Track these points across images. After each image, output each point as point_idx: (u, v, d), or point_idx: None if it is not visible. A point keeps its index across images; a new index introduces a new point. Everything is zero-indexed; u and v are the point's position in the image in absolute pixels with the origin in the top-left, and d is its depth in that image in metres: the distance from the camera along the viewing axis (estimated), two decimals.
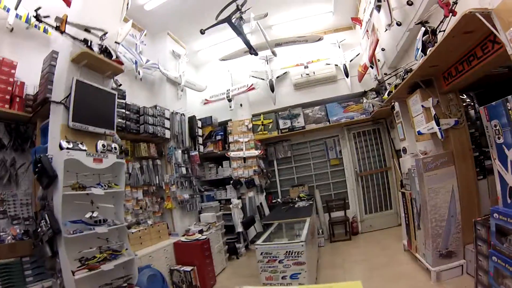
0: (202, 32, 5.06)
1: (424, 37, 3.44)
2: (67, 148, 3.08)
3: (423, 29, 3.47)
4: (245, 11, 4.97)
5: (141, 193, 5.25)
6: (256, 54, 6.16)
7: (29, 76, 3.86)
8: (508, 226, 2.43)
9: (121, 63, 4.01)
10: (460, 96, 4.21)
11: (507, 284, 2.43)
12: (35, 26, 4.10)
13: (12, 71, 3.65)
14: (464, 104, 4.27)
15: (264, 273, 3.74)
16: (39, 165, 3.01)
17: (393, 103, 5.41)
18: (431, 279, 3.79)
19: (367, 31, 5.67)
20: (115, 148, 3.70)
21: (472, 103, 4.46)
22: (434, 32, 3.32)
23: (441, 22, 3.19)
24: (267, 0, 6.06)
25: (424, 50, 3.44)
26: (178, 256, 5.06)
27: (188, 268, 4.73)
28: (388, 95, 5.05)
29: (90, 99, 3.58)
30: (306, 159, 7.73)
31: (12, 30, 3.84)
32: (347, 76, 6.91)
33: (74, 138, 3.31)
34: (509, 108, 2.43)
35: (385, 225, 6.92)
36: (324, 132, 7.46)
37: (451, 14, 2.97)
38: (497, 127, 2.66)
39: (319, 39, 6.46)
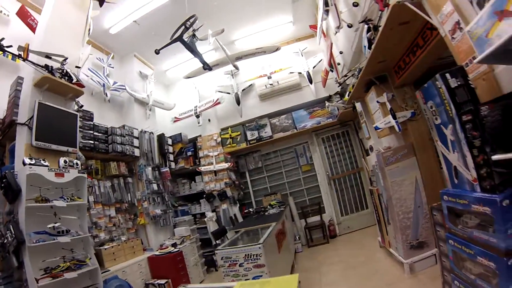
0: (157, 52, 5.25)
1: (368, 34, 3.60)
2: (30, 164, 3.31)
3: (365, 26, 3.64)
4: (198, 29, 5.20)
5: (113, 210, 5.36)
6: (210, 69, 6.36)
7: None
8: (458, 207, 2.36)
9: (82, 86, 4.29)
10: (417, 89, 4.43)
11: (467, 266, 2.35)
12: (4, 54, 4.26)
13: None
14: None
15: (227, 278, 3.85)
16: (4, 180, 3.27)
17: (353, 103, 5.61)
18: (404, 272, 3.85)
19: (323, 34, 6.00)
20: (77, 164, 3.94)
21: None
22: (376, 28, 3.44)
23: (379, 17, 3.34)
24: (230, 16, 6.42)
25: (370, 47, 3.55)
26: (153, 270, 5.13)
27: (163, 281, 4.81)
28: (348, 95, 5.28)
29: (52, 120, 3.84)
30: (277, 167, 7.93)
31: None
32: (311, 83, 7.22)
33: (37, 155, 3.53)
34: (439, 86, 2.53)
35: (363, 225, 7.06)
36: (293, 139, 7.70)
37: (386, 7, 2.96)
38: (433, 108, 2.67)
39: (277, 49, 6.80)
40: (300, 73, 7.39)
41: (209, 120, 7.87)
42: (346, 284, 4.28)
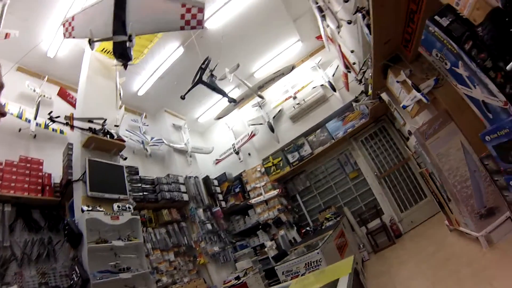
0: (182, 97, 5.70)
1: (365, 21, 3.54)
2: (87, 210, 3.75)
3: (359, 15, 3.64)
4: (214, 68, 5.60)
5: (172, 255, 5.59)
6: (235, 102, 6.72)
7: (54, 169, 4.72)
8: (503, 140, 2.21)
9: (123, 141, 4.89)
10: None
11: None
12: (53, 129, 5.10)
13: (40, 167, 4.54)
14: None
15: None
16: (67, 227, 3.68)
17: (379, 94, 5.55)
18: (482, 246, 3.37)
19: (330, 41, 6.15)
20: (129, 208, 4.36)
21: None
22: (368, 12, 3.29)
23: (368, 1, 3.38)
24: (242, 51, 6.90)
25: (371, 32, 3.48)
26: None
27: None
28: (371, 89, 5.27)
29: (102, 173, 4.36)
30: (325, 182, 7.85)
31: (35, 136, 4.83)
32: (335, 91, 7.32)
33: (93, 204, 3.97)
34: (433, 31, 2.54)
35: (426, 215, 6.59)
36: (333, 150, 7.68)
37: None
38: (438, 55, 2.65)
39: (293, 68, 7.08)
40: (322, 85, 7.56)
41: (249, 154, 8.17)
42: (422, 277, 3.91)
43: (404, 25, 3.53)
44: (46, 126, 4.92)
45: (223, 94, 6.13)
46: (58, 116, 4.18)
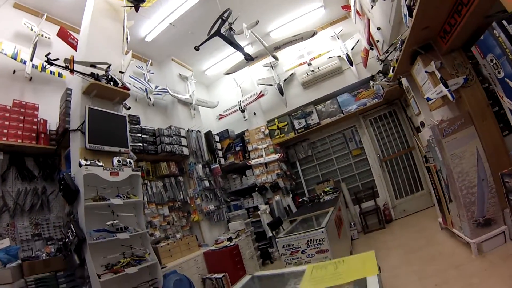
0: (197, 48, 5.27)
1: (407, 1, 3.27)
2: (85, 165, 3.41)
3: None
4: (234, 21, 5.17)
5: (167, 209, 5.48)
6: (252, 59, 6.34)
7: (50, 115, 4.35)
8: None
9: (127, 89, 4.39)
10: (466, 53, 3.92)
11: None
12: (51, 72, 4.63)
13: (35, 112, 4.15)
14: (471, 61, 3.77)
15: (289, 266, 3.67)
16: (62, 182, 3.36)
17: (399, 79, 5.26)
18: (472, 253, 3.46)
19: (357, 13, 5.69)
20: (130, 163, 4.02)
21: None
22: None
23: None
24: (261, 8, 6.32)
25: (411, 14, 3.26)
26: (209, 265, 5.15)
27: (220, 275, 4.79)
28: (393, 71, 4.94)
29: (103, 123, 3.96)
30: (327, 154, 7.68)
31: (31, 79, 4.39)
32: (351, 65, 6.91)
33: (92, 157, 3.64)
34: (497, 35, 2.28)
35: (419, 207, 6.63)
36: (340, 124, 7.43)
37: None
38: (494, 61, 2.47)
39: (314, 34, 6.53)
40: (339, 56, 7.11)
41: (254, 113, 7.79)
42: (409, 268, 3.89)
43: (447, 15, 3.27)
44: (43, 69, 4.45)
45: (240, 49, 5.72)
46: (57, 59, 3.64)
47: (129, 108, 4.55)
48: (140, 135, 5.34)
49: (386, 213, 6.66)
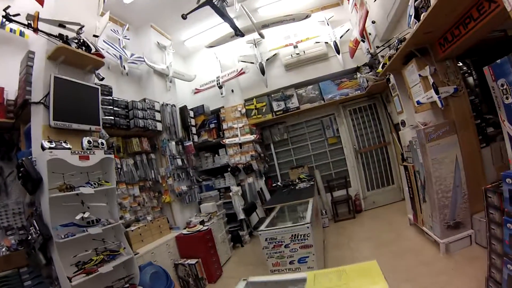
0: (184, 17, 4.70)
1: (416, 2, 3.20)
2: (50, 148, 2.85)
3: None
4: None
5: (137, 189, 5.00)
6: (243, 35, 5.90)
7: (8, 82, 3.65)
8: None
9: (102, 56, 3.76)
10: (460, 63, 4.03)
11: None
12: (11, 30, 3.84)
13: None
14: (461, 71, 4.04)
15: (270, 259, 3.55)
16: (22, 169, 2.81)
17: (388, 76, 5.15)
18: (440, 252, 3.67)
19: (355, 4, 5.38)
20: (102, 144, 3.48)
21: (469, 71, 4.25)
22: None
23: None
24: None
25: (417, 16, 3.22)
26: (182, 250, 4.88)
27: (193, 261, 4.55)
28: (382, 68, 4.80)
29: (71, 96, 3.35)
30: (303, 139, 7.48)
31: None
32: (338, 53, 6.62)
33: (57, 137, 3.09)
34: None
35: (388, 200, 6.76)
36: (320, 111, 7.20)
37: None
38: (504, 86, 2.47)
39: (307, 17, 6.11)
40: (326, 42, 6.76)
41: (232, 90, 7.28)
42: (380, 262, 3.94)
43: (452, 24, 3.24)
44: (1, 25, 3.68)
45: (231, 23, 5.25)
46: (18, 14, 3.00)
47: (103, 78, 3.92)
48: (111, 107, 4.68)
49: (357, 203, 6.71)
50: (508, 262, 2.37)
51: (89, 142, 3.30)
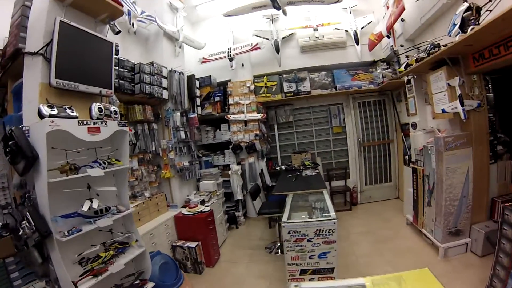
0: None
1: (465, 14, 3.00)
2: (51, 116, 2.12)
3: (465, 4, 3.01)
4: None
5: (136, 162, 4.47)
6: (279, 8, 5.41)
7: None
8: None
9: (121, 4, 2.99)
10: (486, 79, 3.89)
11: None
12: None
13: None
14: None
15: (290, 253, 3.30)
16: (11, 142, 2.07)
17: (410, 77, 4.90)
18: (438, 255, 3.76)
19: None
20: (115, 113, 2.78)
21: (486, 87, 4.06)
22: (478, 10, 2.92)
23: (489, 0, 2.82)
24: None
25: (462, 27, 3.03)
26: (180, 231, 4.49)
27: (193, 244, 4.21)
28: (405, 67, 4.50)
29: (80, 49, 2.61)
30: (308, 124, 7.12)
31: None
32: (357, 44, 6.16)
33: (59, 101, 2.41)
34: None
35: (384, 197, 6.69)
36: (329, 98, 6.81)
37: None
38: None
39: (337, 1, 5.59)
40: (346, 31, 6.26)
41: (242, 64, 6.64)
42: (381, 259, 3.97)
43: (494, 43, 3.11)
44: None
45: None
46: None
47: (119, 31, 3.26)
48: (117, 67, 3.99)
49: (354, 195, 6.56)
50: None
51: (100, 109, 2.55)
